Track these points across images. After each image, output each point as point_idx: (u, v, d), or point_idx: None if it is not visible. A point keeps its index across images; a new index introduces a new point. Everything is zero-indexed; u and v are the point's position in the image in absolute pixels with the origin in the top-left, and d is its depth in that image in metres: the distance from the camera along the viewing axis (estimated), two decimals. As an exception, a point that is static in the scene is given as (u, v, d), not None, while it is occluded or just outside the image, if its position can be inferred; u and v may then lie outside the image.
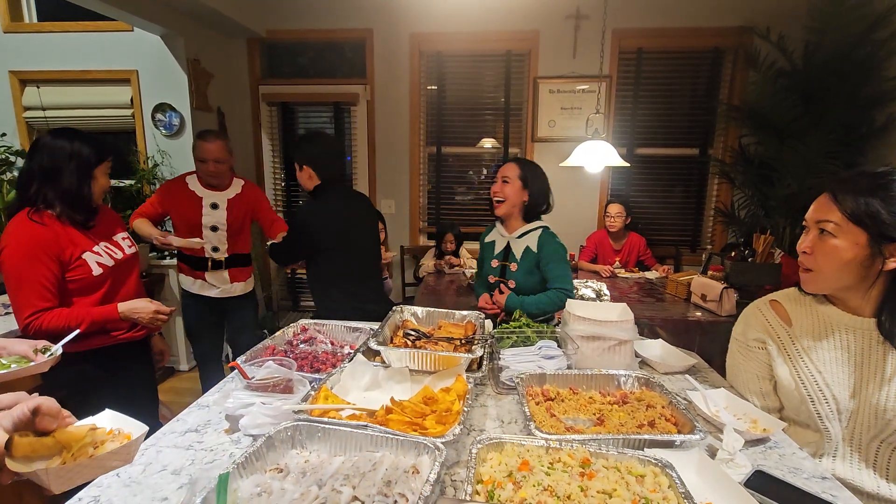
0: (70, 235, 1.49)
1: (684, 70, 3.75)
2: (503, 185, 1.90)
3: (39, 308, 1.42)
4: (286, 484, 0.80)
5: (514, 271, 1.93)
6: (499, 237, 2.01)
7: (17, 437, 0.57)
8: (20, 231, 1.42)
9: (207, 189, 2.39)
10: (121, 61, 3.46)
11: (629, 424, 0.99)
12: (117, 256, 1.61)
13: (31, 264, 1.41)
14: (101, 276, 1.54)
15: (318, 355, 1.30)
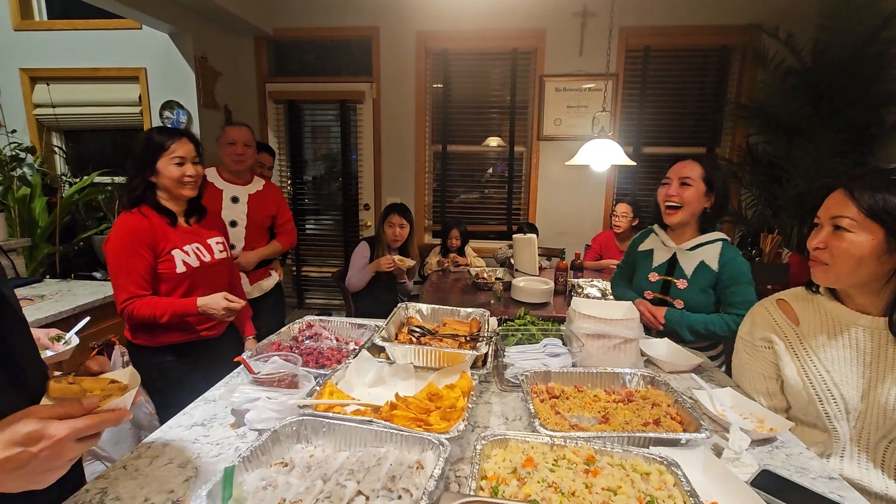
0: (164, 230, 1.58)
1: (692, 68, 3.73)
2: (682, 187, 1.59)
3: (134, 294, 1.51)
4: (291, 478, 0.81)
5: (682, 289, 1.63)
6: (660, 246, 1.72)
7: (52, 382, 0.71)
8: (123, 223, 1.53)
9: (228, 182, 2.31)
10: (129, 59, 3.49)
11: (634, 422, 0.98)
12: (205, 259, 1.65)
13: (130, 254, 1.51)
14: (182, 274, 1.58)
15: (324, 351, 1.30)
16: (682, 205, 1.60)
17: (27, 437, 0.57)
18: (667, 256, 1.69)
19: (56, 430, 0.59)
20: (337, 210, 4.24)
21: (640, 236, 1.85)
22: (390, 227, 2.93)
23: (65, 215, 3.22)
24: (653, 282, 1.70)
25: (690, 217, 1.62)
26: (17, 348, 0.75)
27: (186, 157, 1.57)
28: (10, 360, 0.72)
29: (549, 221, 3.88)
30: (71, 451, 0.62)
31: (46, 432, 0.59)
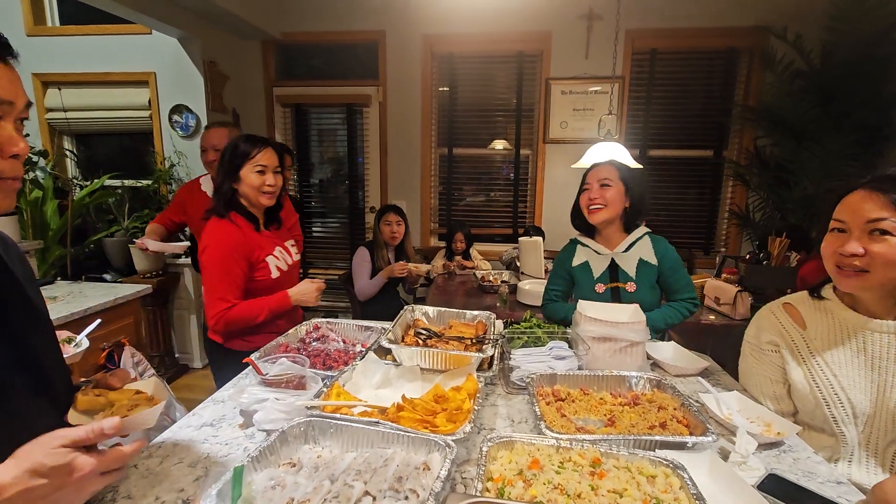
0: (255, 237, 1.61)
1: (699, 71, 3.72)
2: (602, 189, 1.64)
3: (231, 303, 1.53)
4: (299, 478, 0.82)
5: (633, 292, 1.63)
6: (594, 256, 1.71)
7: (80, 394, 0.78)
8: (219, 232, 1.54)
9: None
10: (139, 64, 3.53)
11: (640, 426, 0.98)
12: (288, 262, 1.72)
13: (228, 263, 1.52)
14: (277, 279, 1.63)
15: (331, 353, 1.31)
16: (606, 205, 1.64)
17: (52, 471, 0.58)
18: (605, 264, 1.70)
19: (83, 464, 0.60)
20: (343, 213, 4.26)
21: (565, 252, 1.80)
22: (387, 224, 2.97)
23: (76, 218, 3.27)
24: (601, 293, 1.68)
25: (614, 216, 1.66)
26: (44, 355, 0.76)
27: (268, 167, 1.58)
28: (38, 367, 0.74)
29: (555, 224, 3.88)
30: (94, 484, 0.64)
31: (74, 465, 0.60)
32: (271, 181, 1.58)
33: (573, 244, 1.80)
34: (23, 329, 0.74)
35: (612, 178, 1.65)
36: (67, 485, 0.60)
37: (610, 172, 1.66)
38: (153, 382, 0.93)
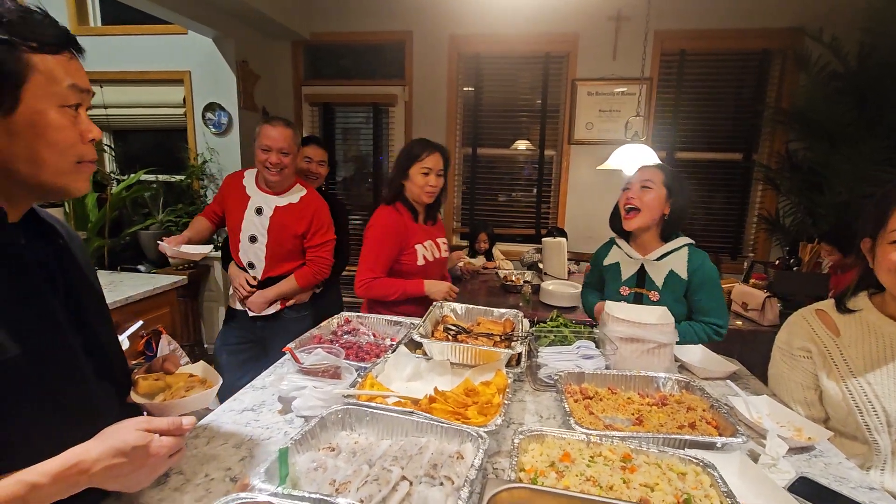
0: (411, 226, 1.82)
1: (729, 72, 3.66)
2: (643, 191, 1.59)
3: (377, 275, 1.75)
4: (339, 462, 0.86)
5: (655, 302, 1.59)
6: (625, 259, 1.69)
7: (140, 379, 0.85)
8: (384, 215, 1.81)
9: (260, 189, 2.02)
10: (175, 63, 3.65)
11: (669, 425, 1.00)
12: (436, 255, 1.90)
13: (383, 242, 1.77)
14: (421, 267, 1.82)
15: (363, 346, 1.35)
16: (642, 208, 1.59)
17: (133, 451, 0.66)
18: (634, 269, 1.66)
19: (158, 448, 0.68)
20: (367, 210, 4.33)
21: (602, 249, 1.83)
22: None
23: (113, 211, 3.41)
24: (624, 295, 1.67)
25: (650, 222, 1.61)
26: (107, 341, 0.82)
27: (432, 169, 1.79)
28: (102, 352, 0.79)
29: (578, 226, 3.87)
30: (164, 465, 0.72)
31: (151, 449, 0.67)
32: (433, 182, 1.80)
33: (610, 243, 1.80)
34: (89, 316, 0.80)
35: (655, 182, 1.59)
36: (144, 465, 0.67)
37: (654, 175, 1.61)
38: (202, 366, 0.99)
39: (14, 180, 0.66)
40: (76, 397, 0.72)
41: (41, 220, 0.77)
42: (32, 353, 0.65)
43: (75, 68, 0.69)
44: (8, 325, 0.63)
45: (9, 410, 0.62)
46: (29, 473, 0.61)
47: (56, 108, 0.66)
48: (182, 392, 0.86)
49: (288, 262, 2.05)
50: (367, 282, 1.75)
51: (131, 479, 0.69)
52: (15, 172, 0.65)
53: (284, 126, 1.94)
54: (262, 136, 1.93)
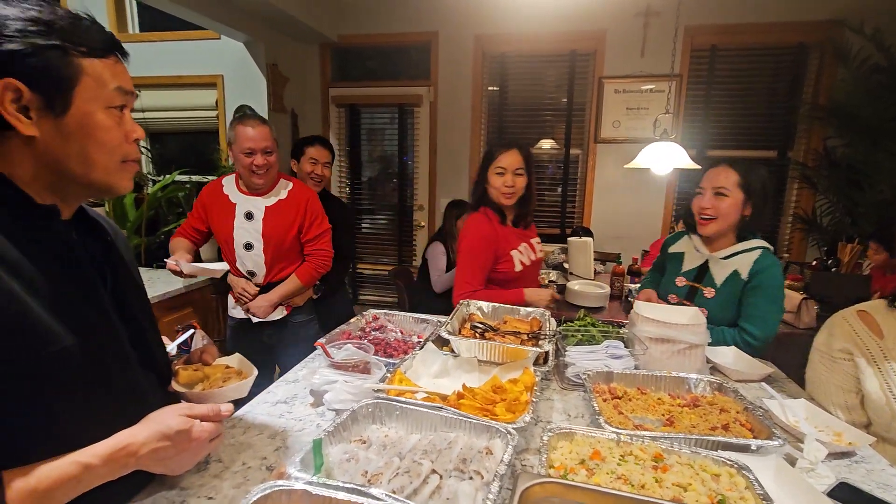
0: (504, 233, 1.74)
1: (763, 68, 3.55)
2: (716, 198, 1.49)
3: (475, 287, 1.69)
4: (370, 454, 0.88)
5: (708, 298, 1.53)
6: (691, 251, 1.63)
7: (181, 369, 0.90)
8: (474, 223, 1.75)
9: (244, 193, 1.88)
10: (209, 67, 3.77)
11: (701, 426, 0.98)
12: (532, 258, 1.81)
13: (476, 251, 1.71)
14: (519, 273, 1.74)
15: (391, 342, 1.37)
16: (717, 216, 1.50)
17: (177, 435, 0.70)
18: (698, 262, 1.60)
19: (200, 432, 0.72)
20: (392, 210, 4.37)
21: (672, 237, 1.76)
22: None
23: (149, 210, 3.53)
24: (679, 286, 1.62)
25: (727, 228, 1.53)
26: (150, 333, 0.86)
27: (507, 169, 1.70)
28: (145, 343, 0.83)
29: (604, 225, 3.82)
30: (205, 450, 0.76)
31: (193, 433, 0.71)
32: (509, 182, 1.70)
33: (682, 234, 1.73)
34: (135, 309, 0.84)
35: (730, 187, 1.48)
36: (187, 449, 0.71)
37: (728, 179, 1.48)
38: (237, 358, 1.03)
39: (67, 179, 0.70)
40: (124, 385, 0.76)
41: (89, 218, 0.82)
42: (87, 342, 0.68)
43: (120, 71, 0.72)
44: (65, 316, 0.67)
45: (64, 396, 0.66)
46: (82, 455, 0.65)
47: (103, 110, 0.69)
48: (220, 382, 0.90)
49: (289, 264, 1.95)
50: (467, 295, 1.65)
51: (175, 463, 0.72)
52: (68, 172, 0.69)
53: (261, 123, 1.80)
54: (241, 139, 1.76)
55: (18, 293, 0.62)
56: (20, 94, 0.62)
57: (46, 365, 0.64)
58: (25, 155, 0.66)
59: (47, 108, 0.64)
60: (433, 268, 3.01)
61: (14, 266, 0.63)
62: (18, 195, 0.67)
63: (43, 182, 0.69)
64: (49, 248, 0.69)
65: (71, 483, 0.63)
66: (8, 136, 0.64)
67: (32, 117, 0.64)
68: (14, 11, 0.62)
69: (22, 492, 0.59)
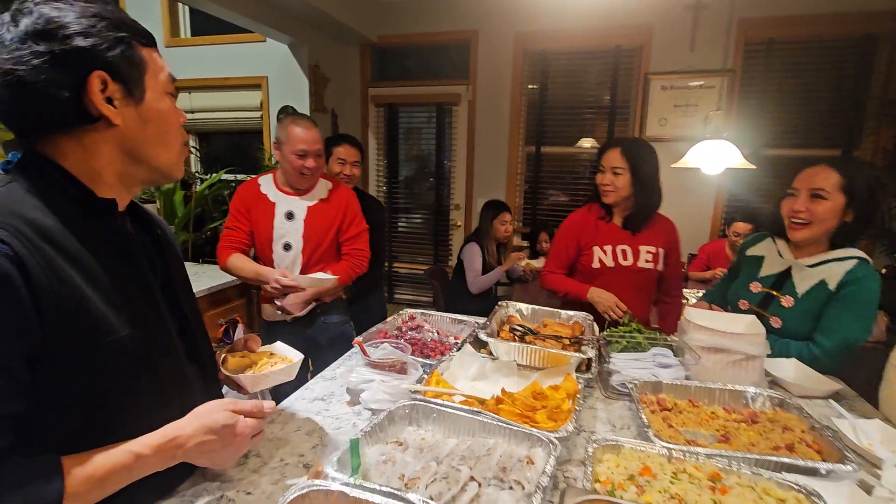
0: (597, 226, 1.78)
1: (825, 61, 3.31)
2: (812, 201, 1.32)
3: (551, 269, 1.85)
4: (406, 457, 0.86)
5: (785, 308, 1.37)
6: (773, 256, 1.48)
7: (228, 356, 0.92)
8: (572, 214, 1.88)
9: (284, 192, 1.81)
10: (254, 69, 3.89)
11: (762, 445, 0.90)
12: (622, 262, 1.75)
13: (560, 238, 1.86)
14: (596, 269, 1.76)
15: (427, 342, 1.35)
16: (812, 221, 1.32)
17: (223, 429, 0.71)
18: (779, 269, 1.44)
19: (243, 428, 0.73)
20: (428, 209, 4.37)
21: (752, 239, 1.60)
22: (502, 224, 3.04)
23: (197, 207, 3.68)
24: (753, 292, 1.46)
25: (822, 235, 1.35)
26: (196, 325, 0.88)
27: (606, 167, 1.74)
28: (192, 336, 0.85)
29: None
30: (248, 445, 0.76)
31: (237, 429, 0.72)
32: (607, 180, 1.72)
33: (765, 235, 1.57)
34: (181, 301, 0.86)
35: (830, 189, 1.30)
36: (231, 444, 0.72)
37: (827, 181, 1.30)
38: (280, 346, 1.04)
39: (140, 164, 0.73)
40: (171, 376, 0.77)
41: (141, 212, 0.84)
42: (139, 334, 0.70)
43: (162, 59, 0.75)
44: (120, 307, 0.68)
45: (116, 386, 0.68)
46: (134, 445, 0.66)
47: (164, 95, 0.74)
48: (267, 367, 0.92)
49: (325, 266, 1.86)
50: (544, 275, 1.86)
51: (219, 456, 0.73)
52: (144, 157, 0.72)
53: (313, 125, 1.75)
54: (294, 141, 1.69)
55: (80, 284, 0.63)
56: (105, 85, 0.65)
57: (102, 355, 0.65)
58: (106, 144, 0.69)
59: (128, 95, 0.68)
60: (469, 269, 2.99)
61: (76, 258, 0.65)
62: (81, 190, 0.69)
63: (114, 171, 0.71)
64: (107, 240, 0.71)
65: (124, 471, 0.65)
66: (90, 129, 0.67)
67: (117, 106, 0.67)
68: (78, 9, 0.64)
69: (79, 477, 0.61)
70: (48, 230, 0.62)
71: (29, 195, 0.64)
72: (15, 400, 0.59)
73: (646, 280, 1.79)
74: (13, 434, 0.59)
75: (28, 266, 0.58)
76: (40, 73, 0.60)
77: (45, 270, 0.59)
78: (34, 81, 0.60)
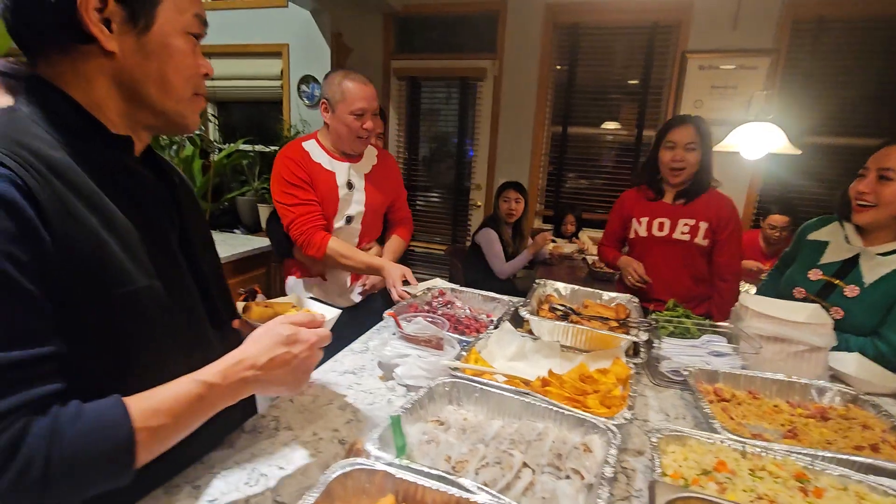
0: (641, 201, 1.85)
1: (879, 42, 3.11)
2: (880, 182, 1.26)
3: (605, 243, 1.99)
4: (450, 437, 0.79)
5: (849, 298, 1.29)
6: (839, 241, 1.38)
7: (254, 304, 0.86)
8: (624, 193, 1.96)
9: (338, 160, 1.62)
10: (275, 36, 3.77)
11: (840, 444, 0.82)
12: (657, 234, 1.78)
13: (612, 213, 1.99)
14: (632, 240, 1.88)
15: (461, 319, 1.28)
16: (878, 203, 1.25)
17: (289, 339, 0.64)
18: (845, 256, 1.34)
19: (307, 335, 0.66)
20: (446, 188, 4.27)
21: (815, 223, 1.49)
22: (505, 201, 2.92)
23: (215, 177, 3.62)
24: (812, 280, 1.37)
25: (888, 218, 1.27)
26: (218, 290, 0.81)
27: (678, 143, 1.71)
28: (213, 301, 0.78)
29: None
30: (316, 357, 0.68)
31: (301, 336, 0.65)
32: (679, 156, 1.70)
33: (832, 219, 1.46)
34: (207, 266, 0.78)
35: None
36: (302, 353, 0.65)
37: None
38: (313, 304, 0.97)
39: (142, 104, 0.65)
40: (190, 328, 0.71)
41: (157, 160, 0.76)
42: (158, 286, 0.63)
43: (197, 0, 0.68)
44: (138, 256, 0.61)
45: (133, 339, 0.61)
46: (200, 374, 0.60)
47: (182, 34, 0.65)
48: None
49: (375, 232, 1.77)
50: (598, 247, 2.06)
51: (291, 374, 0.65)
52: (145, 95, 0.64)
53: (368, 80, 1.58)
54: (351, 98, 1.51)
55: (95, 226, 0.56)
56: (105, 4, 0.57)
57: (119, 306, 0.58)
58: (102, 74, 0.61)
59: (130, 21, 0.59)
60: (491, 255, 2.88)
61: (92, 200, 0.58)
62: (93, 123, 0.61)
63: (116, 108, 0.64)
64: (123, 183, 0.64)
65: (195, 401, 0.58)
66: (85, 52, 0.59)
67: (114, 30, 0.59)
68: None
69: (147, 412, 0.54)
70: (57, 164, 0.55)
71: (35, 125, 0.57)
72: (52, 334, 0.52)
73: (684, 253, 1.75)
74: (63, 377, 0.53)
75: (37, 196, 0.51)
76: None
77: (56, 204, 0.52)
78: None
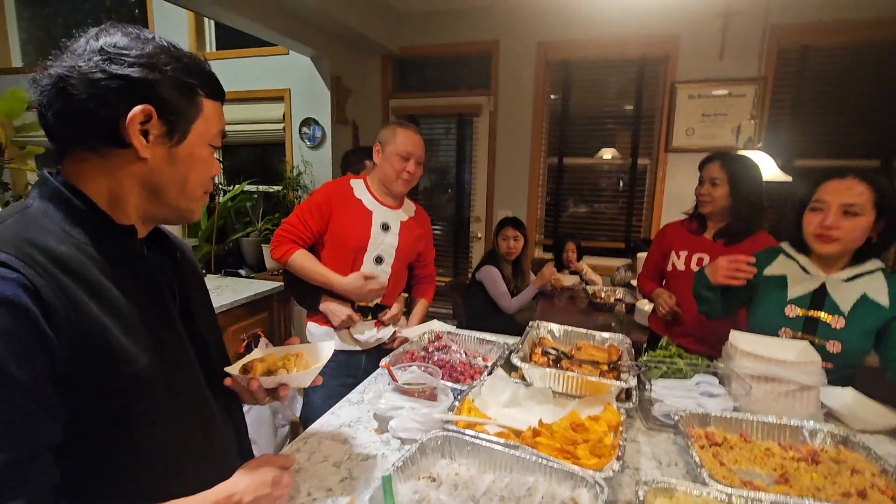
0: (682, 235, 1.90)
1: (863, 68, 3.18)
2: (846, 218, 1.23)
3: (645, 275, 2.03)
4: (441, 494, 0.80)
5: (838, 330, 1.27)
6: (796, 273, 1.36)
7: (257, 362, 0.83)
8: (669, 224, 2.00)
9: (380, 202, 1.70)
10: (277, 81, 3.92)
11: (829, 490, 0.83)
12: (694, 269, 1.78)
13: (653, 244, 2.02)
14: (670, 273, 1.90)
15: (455, 365, 1.30)
16: (842, 239, 1.24)
17: (273, 482, 0.73)
18: (811, 287, 1.32)
19: (288, 479, 0.76)
20: (447, 221, 4.33)
21: (763, 257, 1.43)
22: (504, 240, 2.94)
23: (220, 219, 3.71)
24: (791, 318, 1.33)
25: (850, 249, 1.29)
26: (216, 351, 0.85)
27: (705, 178, 1.80)
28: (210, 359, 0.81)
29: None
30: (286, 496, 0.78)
31: (283, 481, 0.74)
32: (705, 191, 1.78)
33: (776, 251, 1.44)
34: (202, 325, 0.82)
35: (864, 206, 1.22)
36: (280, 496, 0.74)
37: (863, 195, 1.22)
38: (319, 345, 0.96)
39: (160, 201, 0.72)
40: (193, 403, 0.74)
41: (160, 234, 0.81)
42: (159, 362, 0.67)
43: (222, 115, 0.77)
44: (140, 336, 0.65)
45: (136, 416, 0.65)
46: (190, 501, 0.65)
47: (206, 146, 0.74)
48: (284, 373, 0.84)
49: (396, 288, 1.79)
50: (638, 279, 2.08)
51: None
52: (165, 195, 0.72)
53: (419, 132, 1.74)
54: (401, 143, 1.64)
55: (97, 314, 0.61)
56: (149, 119, 0.65)
57: (121, 386, 0.63)
58: (129, 175, 0.68)
59: (167, 136, 0.68)
60: (496, 294, 2.89)
61: (92, 285, 0.62)
62: (99, 215, 0.67)
63: (135, 203, 0.70)
64: (126, 268, 0.69)
65: None
66: (118, 153, 0.66)
67: (150, 141, 0.66)
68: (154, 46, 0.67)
69: None
70: (63, 258, 0.60)
71: (45, 220, 0.63)
72: (52, 425, 0.57)
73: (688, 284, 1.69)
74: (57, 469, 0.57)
75: (43, 295, 0.56)
76: (92, 88, 0.61)
77: (61, 299, 0.57)
78: (84, 93, 0.61)
